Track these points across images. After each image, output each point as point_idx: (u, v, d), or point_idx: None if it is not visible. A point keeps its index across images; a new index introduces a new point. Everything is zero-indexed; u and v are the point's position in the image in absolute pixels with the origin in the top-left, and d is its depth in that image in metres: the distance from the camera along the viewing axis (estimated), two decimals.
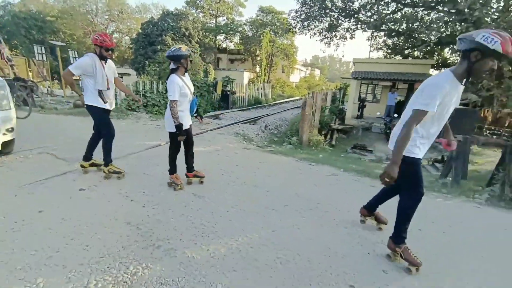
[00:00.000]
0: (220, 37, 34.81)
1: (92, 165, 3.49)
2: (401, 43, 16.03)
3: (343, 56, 50.86)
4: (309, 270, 1.97)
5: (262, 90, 21.84)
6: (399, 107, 16.03)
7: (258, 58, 28.68)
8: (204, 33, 28.73)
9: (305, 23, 16.53)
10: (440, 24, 9.82)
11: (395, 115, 12.02)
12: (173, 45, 23.07)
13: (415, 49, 11.69)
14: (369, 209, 2.55)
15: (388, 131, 10.65)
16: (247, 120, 9.85)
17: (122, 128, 6.56)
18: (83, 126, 6.15)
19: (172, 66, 2.94)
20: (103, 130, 3.27)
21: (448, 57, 10.42)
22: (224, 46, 36.23)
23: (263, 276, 1.89)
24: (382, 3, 13.27)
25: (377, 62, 15.20)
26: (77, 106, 8.75)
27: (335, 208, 3.02)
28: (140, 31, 26.02)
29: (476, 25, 8.85)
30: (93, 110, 3.16)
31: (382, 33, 15.52)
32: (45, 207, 2.56)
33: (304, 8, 15.79)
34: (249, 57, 31.37)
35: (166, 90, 9.79)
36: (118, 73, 3.46)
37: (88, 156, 3.42)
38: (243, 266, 1.96)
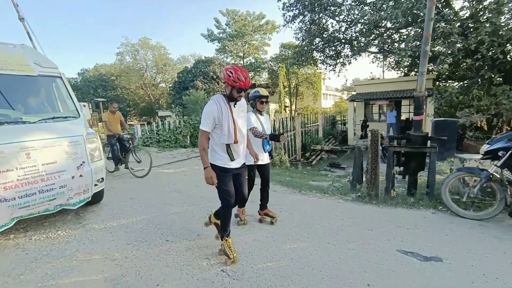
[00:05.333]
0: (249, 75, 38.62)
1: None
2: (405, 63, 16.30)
3: (346, 81, 50.28)
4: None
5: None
6: (406, 125, 15.76)
7: (278, 89, 30.87)
8: None
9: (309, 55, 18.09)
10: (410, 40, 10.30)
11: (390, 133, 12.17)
12: (202, 88, 26.89)
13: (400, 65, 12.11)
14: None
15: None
16: None
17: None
18: None
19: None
20: (219, 196, 2.52)
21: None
22: (253, 82, 39.94)
23: (150, 226, 3.30)
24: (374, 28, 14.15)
25: (377, 83, 15.66)
26: None
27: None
28: (176, 79, 30.74)
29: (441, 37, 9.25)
30: (214, 169, 2.42)
31: (380, 55, 16.12)
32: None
33: (304, 43, 17.46)
34: (276, 90, 33.84)
35: (178, 128, 11.79)
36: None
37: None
38: (146, 227, 3.41)
